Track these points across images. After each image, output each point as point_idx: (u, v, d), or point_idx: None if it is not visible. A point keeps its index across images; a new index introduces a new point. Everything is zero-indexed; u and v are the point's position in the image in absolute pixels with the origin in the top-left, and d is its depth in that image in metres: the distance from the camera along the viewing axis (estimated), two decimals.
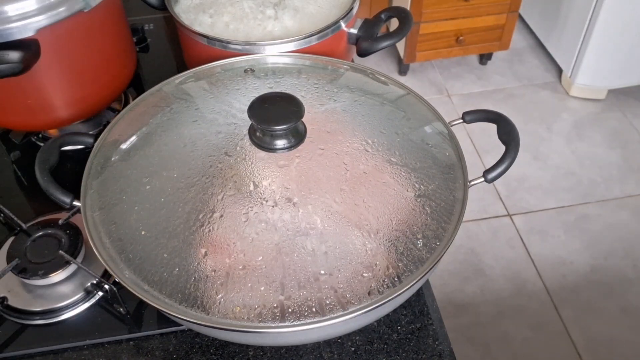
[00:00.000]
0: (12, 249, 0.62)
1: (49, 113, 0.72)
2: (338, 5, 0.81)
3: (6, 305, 0.60)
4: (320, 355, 0.58)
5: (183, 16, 0.79)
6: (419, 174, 0.54)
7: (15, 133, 0.82)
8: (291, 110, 0.51)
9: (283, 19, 0.78)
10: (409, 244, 0.50)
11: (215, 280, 0.48)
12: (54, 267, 0.60)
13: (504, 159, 0.57)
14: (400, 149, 0.56)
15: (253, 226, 0.49)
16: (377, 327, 0.60)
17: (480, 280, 1.62)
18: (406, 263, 0.49)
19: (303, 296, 0.47)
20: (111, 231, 0.52)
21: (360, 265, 0.48)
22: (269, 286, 0.47)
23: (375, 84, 0.66)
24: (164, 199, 0.52)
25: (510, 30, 2.17)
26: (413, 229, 0.51)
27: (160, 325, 0.60)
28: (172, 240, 0.50)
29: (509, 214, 1.80)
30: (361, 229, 0.50)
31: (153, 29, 1.00)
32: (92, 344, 0.59)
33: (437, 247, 0.50)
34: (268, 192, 0.51)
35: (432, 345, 0.58)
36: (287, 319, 0.46)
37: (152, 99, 0.64)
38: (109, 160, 0.58)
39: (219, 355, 0.58)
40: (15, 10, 0.61)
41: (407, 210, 0.52)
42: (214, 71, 0.67)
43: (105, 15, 0.71)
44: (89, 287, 0.61)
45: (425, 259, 0.49)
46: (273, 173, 0.52)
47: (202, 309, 0.47)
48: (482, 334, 1.49)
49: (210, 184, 0.52)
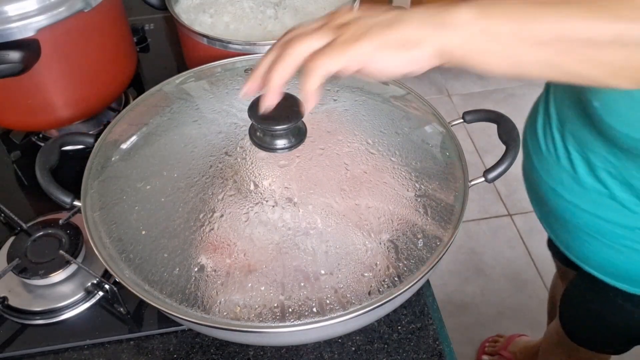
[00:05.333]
0: (12, 248, 0.62)
1: (49, 113, 0.72)
2: (338, 5, 0.81)
3: (6, 305, 0.60)
4: (321, 355, 0.58)
5: (183, 16, 0.79)
6: (419, 173, 0.54)
7: (16, 133, 0.82)
8: (291, 110, 0.51)
9: (283, 19, 0.78)
10: (409, 244, 0.50)
11: (216, 280, 0.48)
12: (55, 267, 0.60)
13: (504, 158, 0.57)
14: (401, 149, 0.56)
15: (253, 226, 0.49)
16: (377, 327, 0.60)
17: (480, 280, 1.62)
18: (406, 263, 0.49)
19: (303, 296, 0.47)
20: (111, 231, 0.52)
21: (361, 265, 0.48)
22: (269, 286, 0.47)
23: (376, 83, 0.66)
24: (164, 199, 0.52)
25: None
26: (413, 228, 0.51)
27: (160, 325, 0.60)
28: (173, 240, 0.50)
29: (510, 213, 1.80)
30: (361, 228, 0.50)
31: (153, 29, 1.00)
32: (93, 344, 0.59)
33: (438, 247, 0.50)
34: (268, 192, 0.51)
35: (432, 345, 0.58)
36: (287, 318, 0.46)
37: (152, 99, 0.64)
38: (109, 160, 0.58)
39: (220, 355, 0.58)
40: (15, 10, 0.61)
41: (407, 210, 0.52)
42: (214, 71, 0.67)
43: (105, 15, 0.71)
44: (90, 287, 0.61)
45: (425, 259, 0.49)
46: (273, 173, 0.52)
47: (202, 309, 0.47)
48: (482, 334, 1.49)
49: (211, 183, 0.52)
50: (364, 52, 0.39)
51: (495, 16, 0.37)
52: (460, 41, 0.38)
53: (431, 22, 0.38)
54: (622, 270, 0.74)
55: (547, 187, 0.78)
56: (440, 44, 0.38)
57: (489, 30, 0.37)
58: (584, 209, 0.72)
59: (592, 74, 0.37)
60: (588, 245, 0.76)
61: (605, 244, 0.73)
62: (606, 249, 0.73)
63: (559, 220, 0.79)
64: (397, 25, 0.39)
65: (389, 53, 0.39)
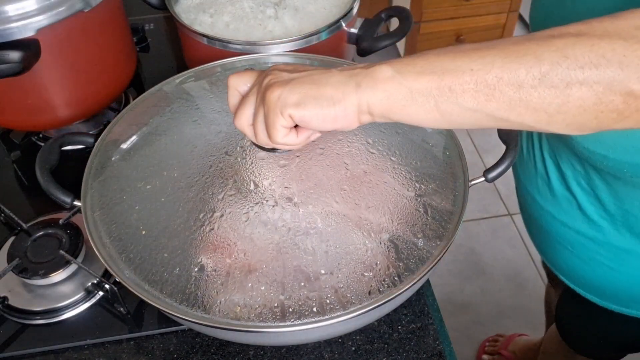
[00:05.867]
0: (12, 248, 0.62)
1: (49, 113, 0.72)
2: (338, 4, 0.81)
3: (7, 305, 0.60)
4: (321, 354, 0.58)
5: (183, 16, 0.79)
6: (419, 173, 0.54)
7: (16, 133, 0.82)
8: None
9: (283, 19, 0.78)
10: (409, 244, 0.50)
11: (216, 280, 0.48)
12: (55, 267, 0.60)
13: (504, 158, 0.57)
14: (401, 149, 0.56)
15: (253, 226, 0.50)
16: (377, 327, 0.60)
17: (480, 280, 1.62)
18: (407, 262, 0.49)
19: (303, 296, 0.47)
20: (111, 231, 0.52)
21: (361, 265, 0.48)
22: (269, 286, 0.47)
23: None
24: (164, 199, 0.52)
25: (511, 30, 2.16)
26: (413, 228, 0.51)
27: (160, 325, 0.60)
28: (173, 240, 0.50)
29: (510, 213, 1.80)
30: (362, 228, 0.50)
31: (153, 29, 1.00)
32: (93, 344, 0.59)
33: (438, 247, 0.50)
34: (268, 192, 0.51)
35: (432, 345, 0.58)
36: (287, 318, 0.46)
37: (152, 98, 0.64)
38: (109, 160, 0.58)
39: (220, 355, 0.58)
40: (15, 10, 0.61)
41: (407, 210, 0.52)
42: (214, 71, 0.67)
43: (105, 15, 0.71)
44: (90, 287, 0.61)
45: (425, 259, 0.49)
46: (273, 172, 0.52)
47: (202, 309, 0.47)
48: (482, 333, 1.49)
49: (211, 183, 0.52)
50: (291, 113, 0.40)
51: (412, 72, 0.37)
52: (380, 98, 0.38)
53: (350, 81, 0.39)
54: (590, 282, 0.73)
55: (526, 191, 0.77)
56: (359, 102, 0.39)
57: (407, 87, 0.37)
58: (555, 217, 0.72)
59: (526, 121, 0.37)
60: (559, 254, 0.75)
61: (575, 254, 0.72)
62: (575, 259, 0.73)
63: (535, 226, 0.79)
64: (317, 84, 0.40)
65: (313, 110, 0.40)
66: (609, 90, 0.34)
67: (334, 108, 0.39)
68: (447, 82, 0.36)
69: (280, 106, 0.40)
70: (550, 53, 0.34)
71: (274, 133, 0.42)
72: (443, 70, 0.37)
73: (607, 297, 0.73)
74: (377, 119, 0.40)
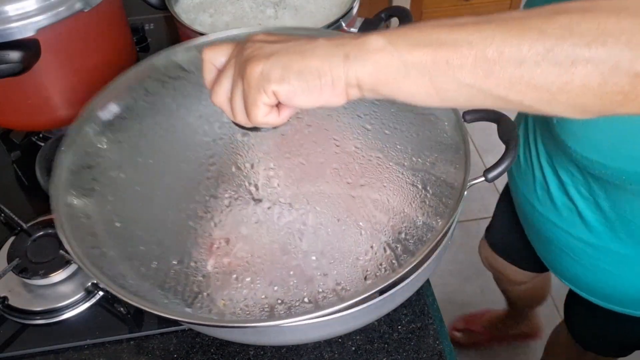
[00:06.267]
0: (12, 248, 0.62)
1: (49, 113, 0.72)
2: (338, 4, 0.81)
3: (7, 305, 0.60)
4: (321, 354, 0.58)
5: (183, 16, 0.79)
6: (416, 146, 0.53)
7: (16, 133, 0.81)
8: None
9: (283, 19, 0.78)
10: (407, 222, 0.48)
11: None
12: (55, 267, 0.60)
13: (504, 158, 0.57)
14: (395, 121, 0.53)
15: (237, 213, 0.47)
16: (377, 327, 0.60)
17: (480, 280, 1.62)
18: (403, 256, 0.48)
19: (301, 291, 0.46)
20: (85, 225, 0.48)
21: (358, 259, 0.47)
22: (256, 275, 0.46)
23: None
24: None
25: None
26: (410, 224, 0.50)
27: (160, 325, 0.60)
28: (150, 232, 0.48)
29: None
30: (364, 222, 0.49)
31: (153, 29, 1.00)
32: (93, 344, 0.59)
33: (430, 243, 0.49)
34: (252, 175, 0.48)
35: (432, 345, 0.58)
36: (287, 313, 0.45)
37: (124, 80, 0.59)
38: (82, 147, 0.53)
39: (220, 354, 0.58)
40: (15, 10, 0.61)
41: (405, 205, 0.51)
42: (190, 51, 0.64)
43: (105, 15, 0.71)
44: (90, 287, 0.61)
45: (425, 239, 0.48)
46: (256, 154, 0.49)
47: (185, 304, 0.46)
48: None
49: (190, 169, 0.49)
50: (274, 89, 0.37)
51: (406, 44, 0.35)
52: (369, 70, 0.35)
53: (338, 51, 0.36)
54: (593, 287, 0.74)
55: (524, 198, 0.77)
56: (347, 74, 0.36)
57: (400, 59, 0.35)
58: (556, 224, 0.71)
59: (527, 99, 0.34)
60: (562, 260, 0.75)
61: (576, 261, 0.72)
62: (577, 266, 0.73)
63: (536, 234, 0.79)
64: (302, 55, 0.37)
65: (297, 85, 0.36)
66: (615, 69, 0.32)
67: (320, 81, 0.36)
68: (444, 56, 0.34)
69: (263, 83, 0.37)
70: (555, 29, 0.32)
71: (254, 111, 0.38)
72: (439, 43, 0.34)
73: (610, 300, 0.73)
74: (365, 94, 0.37)
